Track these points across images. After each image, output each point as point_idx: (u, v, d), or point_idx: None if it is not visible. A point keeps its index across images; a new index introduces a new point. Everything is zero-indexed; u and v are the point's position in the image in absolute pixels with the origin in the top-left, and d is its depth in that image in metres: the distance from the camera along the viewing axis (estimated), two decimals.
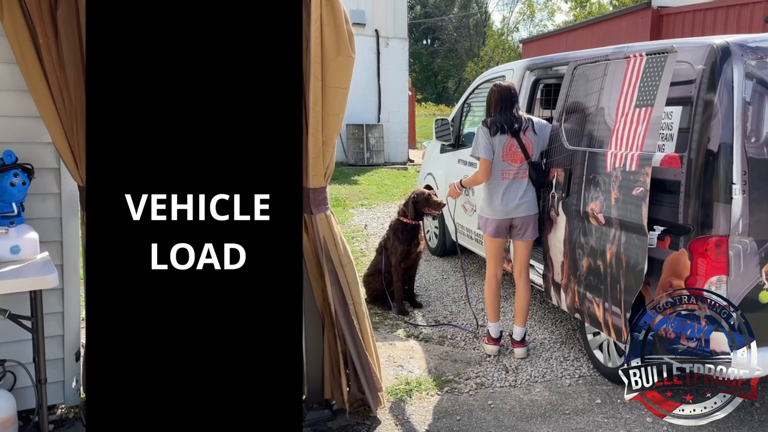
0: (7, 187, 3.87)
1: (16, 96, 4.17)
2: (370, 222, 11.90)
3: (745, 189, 4.19)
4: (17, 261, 3.84)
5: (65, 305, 4.55)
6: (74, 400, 4.74)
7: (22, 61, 3.91)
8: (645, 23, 16.47)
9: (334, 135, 4.22)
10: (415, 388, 5.31)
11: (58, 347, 4.57)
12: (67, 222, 4.47)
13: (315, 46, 3.88)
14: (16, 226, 3.93)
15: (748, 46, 4.28)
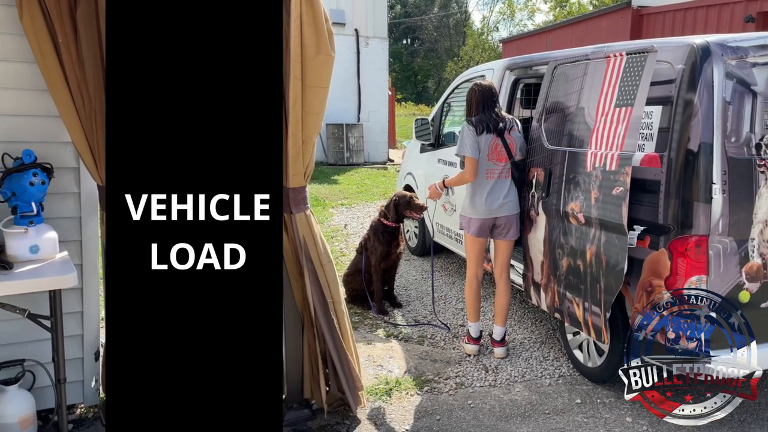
0: (27, 187, 3.84)
1: (36, 95, 4.14)
2: (349, 221, 11.87)
3: (725, 189, 4.19)
4: (36, 260, 3.84)
5: (84, 305, 4.53)
6: (93, 400, 4.73)
7: (41, 60, 3.90)
8: (625, 23, 16.54)
9: (314, 134, 4.20)
10: (394, 387, 5.29)
11: (77, 347, 4.55)
12: (87, 221, 4.45)
13: (295, 45, 3.86)
14: (36, 226, 3.91)
15: (728, 45, 4.29)
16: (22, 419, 4.03)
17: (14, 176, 3.86)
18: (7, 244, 3.84)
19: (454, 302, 7.44)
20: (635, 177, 4.47)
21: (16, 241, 3.83)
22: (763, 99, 4.32)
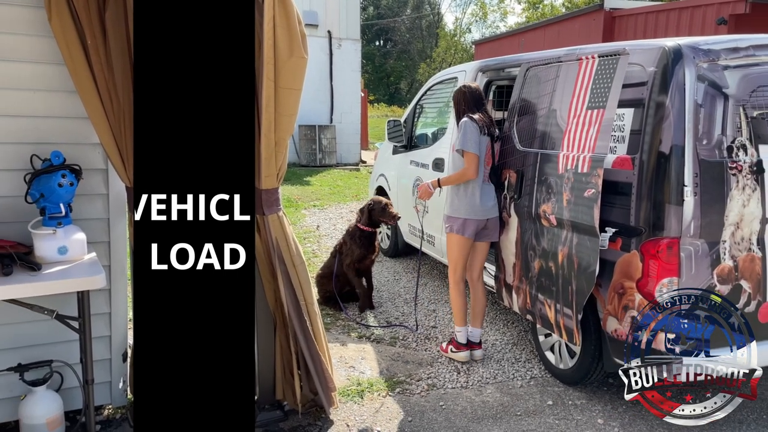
0: (55, 188, 3.84)
1: (65, 97, 4.14)
2: (322, 223, 11.84)
3: (696, 191, 4.21)
4: (65, 261, 3.83)
5: (112, 306, 4.53)
6: (121, 401, 4.73)
7: (70, 62, 3.89)
8: (597, 25, 16.62)
9: (287, 136, 4.18)
10: (366, 389, 5.27)
11: (105, 348, 4.54)
12: (115, 223, 4.45)
13: (268, 47, 3.83)
14: (64, 227, 3.90)
15: (699, 48, 4.31)
16: (50, 420, 4.04)
17: (43, 177, 3.87)
18: (36, 246, 3.84)
19: (426, 303, 7.44)
20: (607, 179, 4.48)
21: (45, 242, 3.83)
22: (735, 102, 4.35)
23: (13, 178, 4.02)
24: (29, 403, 4.05)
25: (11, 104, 4.04)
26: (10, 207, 4.04)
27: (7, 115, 4.04)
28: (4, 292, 3.44)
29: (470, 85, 5.70)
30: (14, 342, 4.20)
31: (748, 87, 4.40)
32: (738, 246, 4.40)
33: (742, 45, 4.41)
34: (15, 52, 4.00)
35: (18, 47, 4.00)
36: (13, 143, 4.05)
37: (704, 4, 13.40)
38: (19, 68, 4.03)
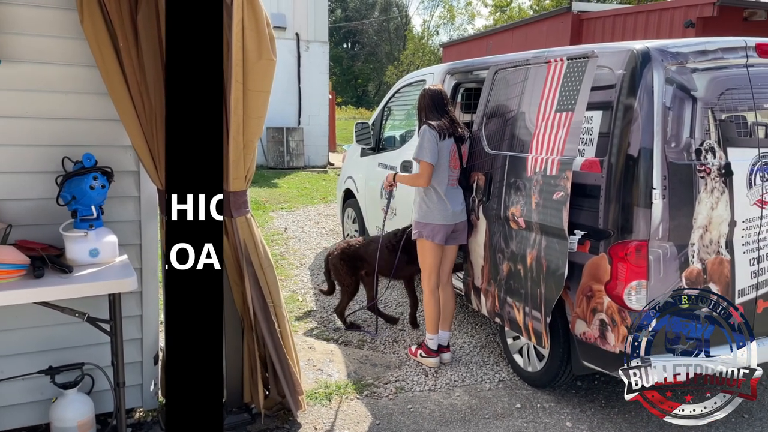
0: (87, 191, 3.84)
1: (96, 99, 4.15)
2: (290, 225, 11.77)
3: (665, 194, 4.21)
4: (96, 264, 3.83)
5: (144, 308, 4.54)
6: (152, 404, 4.72)
7: (102, 64, 3.91)
8: (565, 28, 16.66)
9: (255, 138, 4.15)
10: (334, 392, 5.24)
11: (136, 350, 4.55)
12: (146, 225, 4.46)
13: (236, 49, 3.80)
14: (95, 230, 3.90)
15: (668, 51, 4.32)
16: (81, 423, 4.03)
17: (74, 180, 3.86)
18: (67, 248, 3.83)
19: (393, 306, 7.41)
20: (575, 182, 4.48)
21: (76, 244, 3.82)
22: (703, 104, 4.37)
23: (44, 180, 4.03)
24: (60, 406, 4.04)
25: (43, 107, 4.05)
26: (42, 209, 4.06)
27: (38, 118, 4.05)
28: (35, 294, 3.44)
29: (432, 88, 5.67)
30: (45, 345, 4.21)
31: (717, 90, 4.43)
32: (706, 249, 4.42)
33: (711, 48, 4.43)
34: (47, 55, 4.01)
35: (50, 50, 4.01)
36: (44, 145, 4.06)
37: (672, 7, 13.47)
38: (50, 71, 4.04)
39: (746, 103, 4.52)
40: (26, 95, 3.99)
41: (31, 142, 4.03)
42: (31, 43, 3.94)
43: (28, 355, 4.16)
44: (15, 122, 3.99)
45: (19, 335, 4.14)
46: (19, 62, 3.92)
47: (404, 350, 6.12)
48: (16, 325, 4.09)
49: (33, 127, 4.02)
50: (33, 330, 4.15)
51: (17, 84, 3.95)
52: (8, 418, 4.22)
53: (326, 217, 12.54)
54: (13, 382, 4.12)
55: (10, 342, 4.13)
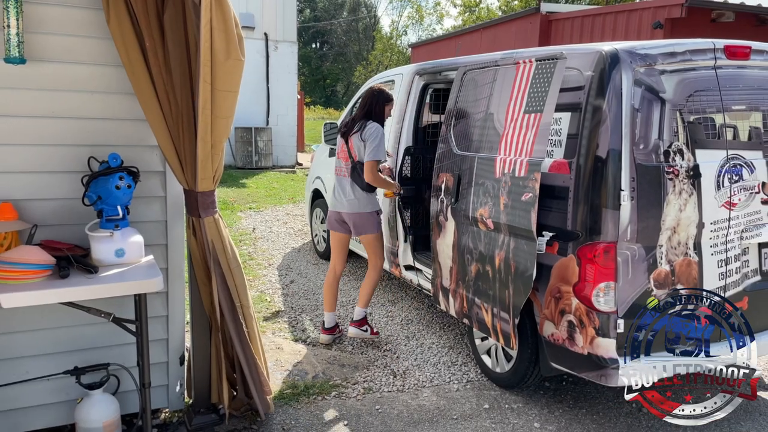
0: (113, 190, 3.81)
1: (122, 99, 4.12)
2: (258, 225, 11.70)
3: (633, 195, 4.22)
4: (122, 264, 3.79)
5: (169, 309, 4.50)
6: (178, 404, 4.71)
7: (128, 64, 3.88)
8: (534, 29, 16.69)
9: (224, 138, 4.10)
10: (302, 392, 5.20)
11: (162, 351, 4.54)
12: (172, 225, 4.43)
13: (205, 49, 3.74)
14: (121, 230, 3.85)
15: (636, 53, 4.33)
16: (107, 424, 4.01)
17: (100, 180, 3.85)
18: (93, 248, 3.79)
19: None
20: (544, 183, 4.47)
21: (102, 244, 3.78)
22: (672, 106, 4.38)
23: (70, 180, 4.01)
24: (85, 407, 4.02)
25: (69, 106, 4.00)
26: (67, 209, 4.03)
27: (64, 117, 4.00)
28: (61, 294, 3.40)
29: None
30: (70, 345, 4.19)
31: (685, 92, 4.44)
32: (674, 250, 4.43)
33: (679, 50, 4.44)
34: (73, 54, 3.97)
35: (76, 49, 3.97)
36: (70, 145, 4.02)
37: (640, 8, 13.52)
38: (77, 70, 4.00)
39: (714, 105, 4.55)
40: (52, 95, 3.95)
41: (57, 141, 3.99)
42: (57, 42, 3.89)
43: (54, 356, 4.14)
44: (41, 122, 3.94)
45: (45, 336, 4.12)
46: (46, 62, 3.88)
47: (372, 351, 6.10)
48: (41, 325, 4.07)
49: (59, 127, 3.99)
50: (58, 330, 4.13)
51: (43, 84, 3.90)
52: (33, 419, 4.20)
53: (294, 218, 12.50)
54: (38, 382, 4.09)
55: (36, 342, 4.11)
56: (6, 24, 3.60)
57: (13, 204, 3.79)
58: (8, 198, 3.84)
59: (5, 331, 3.99)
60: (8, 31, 3.62)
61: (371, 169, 5.77)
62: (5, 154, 3.87)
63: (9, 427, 4.13)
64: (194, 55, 3.89)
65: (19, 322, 3.99)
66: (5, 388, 3.99)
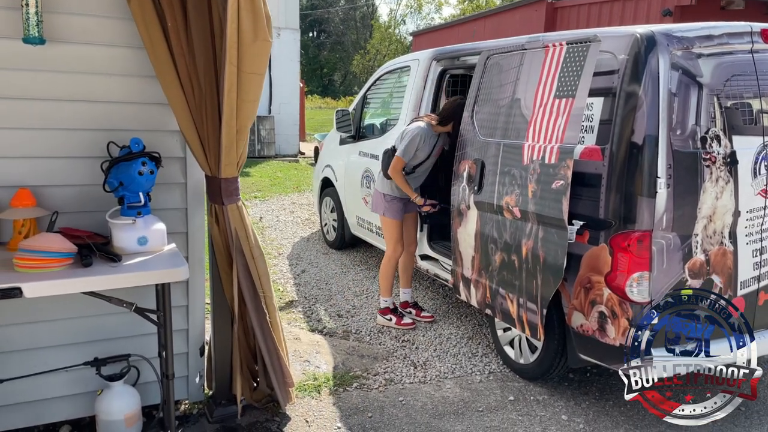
0: (135, 176, 3.66)
1: (143, 82, 3.98)
2: (264, 214, 11.57)
3: (669, 183, 4.09)
4: (145, 253, 3.68)
5: (190, 298, 4.40)
6: (198, 396, 4.63)
7: (150, 45, 3.73)
8: (539, 16, 16.46)
9: (249, 123, 3.95)
10: (323, 383, 5.08)
11: (182, 341, 4.44)
12: (193, 213, 4.31)
13: (231, 30, 3.58)
14: (143, 217, 3.74)
15: (673, 35, 4.19)
16: (128, 416, 3.94)
17: (122, 165, 3.70)
18: (114, 236, 3.67)
19: (375, 296, 7.23)
20: (574, 170, 4.33)
21: (124, 232, 3.67)
22: (709, 91, 4.25)
23: (88, 165, 3.88)
24: (106, 399, 3.94)
25: (87, 89, 3.86)
26: (86, 196, 3.91)
27: (83, 101, 3.86)
28: (86, 284, 3.28)
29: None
30: (90, 335, 4.10)
31: (722, 76, 4.32)
32: (710, 239, 4.32)
33: (716, 33, 4.32)
34: (93, 35, 3.81)
35: (96, 30, 3.81)
36: (89, 129, 3.89)
37: None
38: (96, 52, 3.85)
39: (751, 90, 4.42)
40: (71, 77, 3.80)
41: (75, 126, 3.85)
42: (76, 22, 3.73)
43: (73, 346, 4.04)
44: (60, 105, 3.80)
45: (64, 326, 4.01)
46: (65, 42, 3.72)
47: (391, 341, 5.99)
48: (60, 315, 3.96)
49: (77, 111, 3.84)
50: (77, 320, 4.03)
51: (62, 65, 3.75)
52: (53, 411, 4.11)
53: (300, 207, 12.37)
54: (57, 373, 3.99)
55: (55, 333, 4.00)
56: (24, 2, 3.45)
57: (31, 190, 3.65)
58: (26, 184, 3.71)
59: (24, 321, 3.88)
60: (27, 10, 3.46)
61: (394, 165, 5.88)
62: (22, 139, 3.74)
63: (29, 418, 4.03)
64: (219, 36, 3.75)
65: (38, 312, 3.88)
66: (26, 379, 3.88)
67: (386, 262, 6.24)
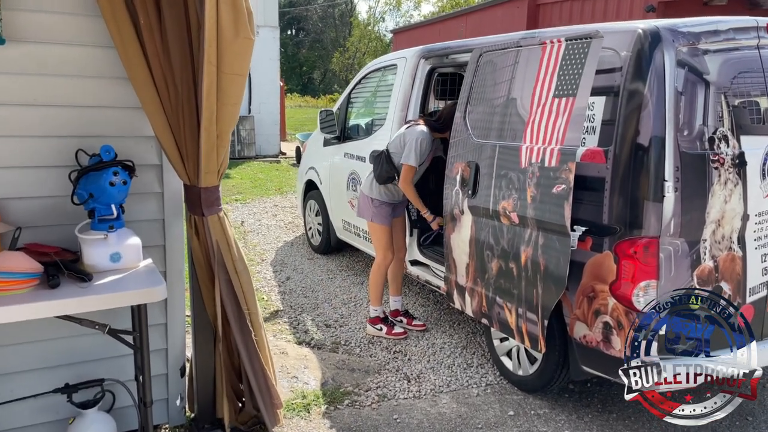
0: (106, 187, 3.36)
1: (115, 84, 3.67)
2: (246, 218, 11.27)
3: (677, 186, 3.87)
4: (118, 270, 3.38)
5: (168, 316, 4.10)
6: (179, 420, 4.33)
7: (120, 44, 3.43)
8: (521, 13, 16.28)
9: (230, 128, 3.66)
10: (313, 401, 4.82)
11: (161, 362, 4.14)
12: (171, 224, 4.01)
13: (210, 27, 3.28)
14: (116, 231, 3.42)
15: (678, 30, 3.97)
16: None
17: (91, 175, 3.39)
18: (85, 252, 3.36)
19: (364, 304, 6.98)
20: (576, 173, 4.10)
21: (95, 248, 3.35)
22: (716, 89, 4.03)
23: (56, 176, 3.58)
24: (78, 428, 3.63)
25: (53, 93, 3.55)
26: (53, 209, 3.61)
27: (48, 105, 3.55)
28: (53, 308, 2.98)
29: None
30: (60, 359, 3.78)
31: (729, 73, 4.10)
32: (718, 245, 4.10)
33: (722, 28, 4.10)
34: (57, 34, 3.50)
35: (61, 28, 3.49)
36: (55, 137, 3.58)
37: None
38: (61, 51, 3.53)
39: (758, 88, 4.22)
40: (34, 80, 3.49)
41: (40, 133, 3.54)
42: (40, 20, 3.41)
43: (41, 371, 3.73)
44: (22, 110, 3.48)
45: (31, 349, 3.70)
46: (27, 42, 3.41)
47: (382, 353, 5.74)
48: (27, 338, 3.65)
49: (42, 116, 3.54)
50: (46, 343, 3.71)
51: (24, 67, 3.43)
52: None
53: (284, 209, 12.08)
54: (25, 401, 3.67)
55: (22, 357, 3.68)
56: None
57: None
58: None
59: None
60: None
61: (405, 175, 5.69)
62: None
63: None
64: (196, 33, 3.47)
65: (2, 335, 3.56)
66: None
67: (376, 269, 5.99)
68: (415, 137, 5.53)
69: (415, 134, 5.55)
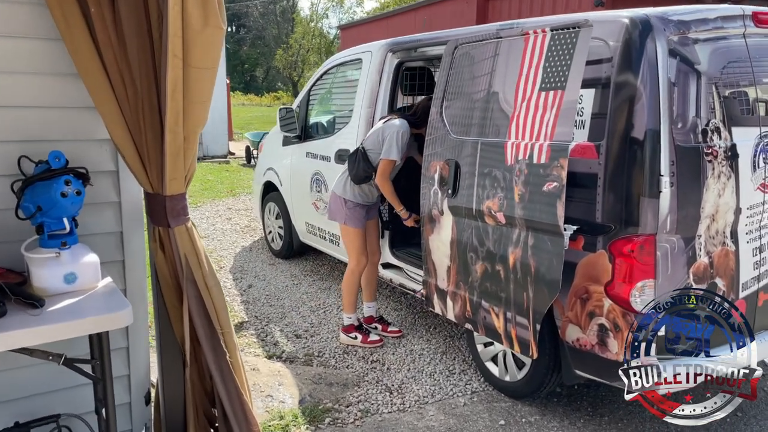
0: (57, 199, 2.91)
1: (64, 81, 3.22)
2: (199, 223, 10.86)
3: (673, 181, 3.71)
4: (74, 293, 2.93)
5: (130, 338, 3.67)
6: None
7: (68, 36, 2.99)
8: (470, 9, 16.19)
9: (199, 128, 3.26)
10: (291, 422, 4.53)
11: (123, 390, 3.71)
12: (129, 236, 3.58)
13: (174, 14, 2.90)
14: (70, 248, 2.97)
15: (669, 19, 3.80)
16: None
17: (38, 186, 2.95)
18: (34, 274, 2.90)
19: (334, 311, 6.73)
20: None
21: (46, 269, 2.90)
22: (707, 79, 3.89)
23: None
24: None
25: None
26: None
27: None
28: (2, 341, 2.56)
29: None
30: (8, 393, 3.31)
31: (719, 63, 3.98)
32: (713, 240, 3.97)
33: (711, 16, 3.96)
34: None
35: None
36: None
37: None
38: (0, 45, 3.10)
39: (747, 78, 4.09)
40: None
41: None
42: None
43: None
44: None
45: None
46: None
47: (358, 363, 5.49)
48: None
49: None
50: None
51: None
52: None
53: (238, 212, 11.73)
54: None
55: None
56: None
57: None
58: None
59: None
60: None
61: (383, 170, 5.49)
62: None
63: None
64: (157, 21, 3.06)
65: None
66: None
67: (349, 275, 5.74)
68: (395, 130, 5.30)
69: (395, 127, 5.32)
